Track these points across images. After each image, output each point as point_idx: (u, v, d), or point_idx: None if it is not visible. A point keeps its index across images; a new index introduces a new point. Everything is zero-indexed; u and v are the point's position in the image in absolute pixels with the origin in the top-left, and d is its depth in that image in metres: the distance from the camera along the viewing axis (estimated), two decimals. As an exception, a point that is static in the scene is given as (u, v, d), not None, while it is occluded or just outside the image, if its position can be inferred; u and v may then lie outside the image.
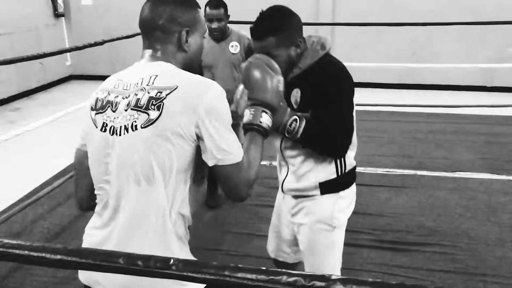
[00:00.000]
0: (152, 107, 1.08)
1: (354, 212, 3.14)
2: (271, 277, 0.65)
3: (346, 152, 1.57)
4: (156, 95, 1.08)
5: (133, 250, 0.90)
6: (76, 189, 1.30)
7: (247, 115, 1.31)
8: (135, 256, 0.68)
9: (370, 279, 0.64)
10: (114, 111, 1.13)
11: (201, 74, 2.81)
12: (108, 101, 1.15)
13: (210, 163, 1.11)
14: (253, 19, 1.55)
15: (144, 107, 1.09)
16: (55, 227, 3.01)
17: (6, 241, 0.67)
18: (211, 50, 2.97)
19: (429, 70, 6.22)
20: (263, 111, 1.30)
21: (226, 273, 0.65)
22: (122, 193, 1.13)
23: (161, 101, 1.07)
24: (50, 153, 4.34)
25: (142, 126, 1.08)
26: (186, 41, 1.19)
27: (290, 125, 1.47)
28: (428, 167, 3.88)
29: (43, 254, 0.66)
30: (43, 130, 4.30)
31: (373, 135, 4.69)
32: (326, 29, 6.63)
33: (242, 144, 1.19)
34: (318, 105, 1.52)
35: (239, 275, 0.65)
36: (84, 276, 1.22)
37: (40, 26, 6.82)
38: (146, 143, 1.08)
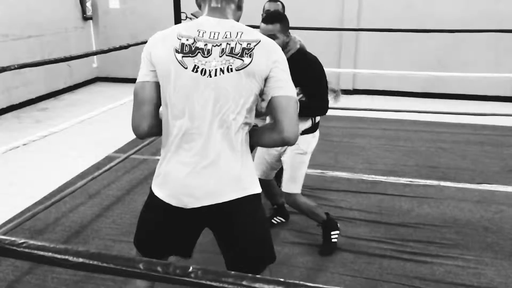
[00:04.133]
0: (246, 54, 1.42)
1: (375, 221, 3.12)
2: (289, 288, 0.64)
3: (326, 111, 2.51)
4: (247, 46, 1.43)
5: (221, 163, 1.45)
6: (140, 118, 1.51)
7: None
8: (155, 262, 0.69)
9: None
10: (206, 56, 1.42)
11: None
12: (197, 48, 1.43)
13: (277, 93, 1.45)
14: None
15: (239, 54, 1.42)
16: (76, 225, 3.07)
17: (31, 242, 0.69)
18: None
19: (455, 79, 6.11)
20: None
21: (245, 283, 0.65)
22: (207, 124, 1.44)
23: (252, 51, 1.42)
24: (75, 153, 4.43)
25: (237, 68, 1.42)
26: (242, 3, 1.56)
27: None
28: (452, 178, 3.80)
29: (66, 257, 0.67)
30: (69, 131, 4.39)
31: (396, 144, 4.63)
32: (350, 35, 6.59)
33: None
34: (304, 83, 2.33)
35: (257, 285, 0.65)
36: (164, 192, 1.52)
37: (69, 29, 6.98)
38: (238, 83, 1.42)
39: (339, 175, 3.88)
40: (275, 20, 2.35)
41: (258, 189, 1.56)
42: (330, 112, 5.31)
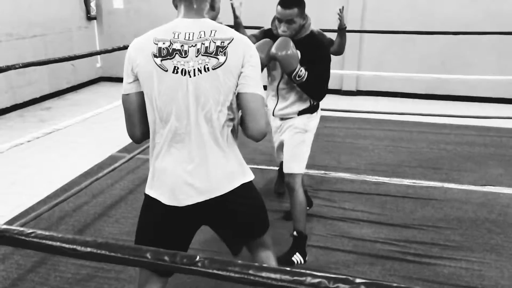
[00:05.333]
0: (220, 52, 1.46)
1: (378, 222, 3.10)
2: (295, 277, 0.64)
3: (322, 98, 2.52)
4: (220, 44, 1.47)
5: (210, 160, 1.51)
6: (131, 127, 1.59)
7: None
8: (162, 252, 0.69)
9: (395, 284, 0.63)
10: (184, 57, 1.46)
11: None
12: (174, 49, 1.47)
13: (245, 90, 1.50)
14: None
15: (214, 53, 1.46)
16: (80, 224, 3.07)
17: (39, 232, 0.69)
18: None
19: (459, 81, 6.10)
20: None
21: (251, 272, 0.65)
22: (193, 122, 1.49)
23: (226, 49, 1.47)
24: (78, 152, 4.44)
25: (213, 67, 1.46)
26: (215, 3, 1.61)
27: (300, 72, 2.32)
28: (456, 180, 3.79)
29: (74, 246, 0.68)
30: (72, 130, 4.40)
31: (399, 145, 4.62)
32: (354, 36, 6.59)
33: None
34: (311, 63, 2.37)
35: (263, 274, 0.65)
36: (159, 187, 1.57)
37: (73, 28, 7.01)
38: (216, 82, 1.47)
39: (342, 176, 3.87)
40: (293, 4, 2.34)
41: (248, 177, 1.64)
42: (333, 113, 5.35)
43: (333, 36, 3.54)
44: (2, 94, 5.73)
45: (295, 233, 2.61)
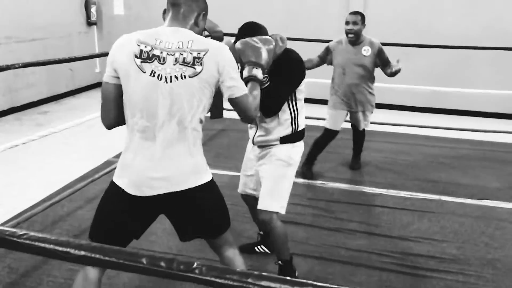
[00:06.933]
0: (197, 63, 1.58)
1: (375, 234, 3.08)
2: (295, 287, 0.63)
3: (272, 114, 2.19)
4: (197, 55, 1.58)
5: (172, 160, 1.63)
6: (105, 112, 1.71)
7: (245, 72, 1.89)
8: (158, 257, 0.67)
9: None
10: (162, 64, 1.58)
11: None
12: (154, 55, 1.59)
13: (229, 96, 1.65)
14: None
15: (191, 63, 1.58)
16: (74, 229, 3.03)
17: (32, 234, 0.67)
18: (345, 52, 3.83)
19: (457, 95, 6.12)
20: (254, 67, 1.88)
21: (250, 280, 0.63)
22: (163, 122, 1.60)
23: (202, 59, 1.58)
24: (74, 156, 4.41)
25: (190, 75, 1.58)
26: (200, 21, 1.72)
27: (264, 80, 2.09)
28: (452, 193, 3.78)
29: (68, 249, 0.66)
30: (69, 134, 4.38)
31: (397, 158, 4.61)
32: (353, 48, 6.61)
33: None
34: (275, 75, 2.15)
35: (263, 283, 0.63)
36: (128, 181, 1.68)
37: (73, 33, 7.01)
38: (191, 88, 1.59)
39: (340, 186, 3.85)
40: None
41: (209, 176, 1.75)
42: (331, 124, 5.32)
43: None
44: (0, 97, 5.71)
45: (280, 262, 2.40)
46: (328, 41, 4.07)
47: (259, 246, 2.79)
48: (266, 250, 2.78)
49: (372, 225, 3.20)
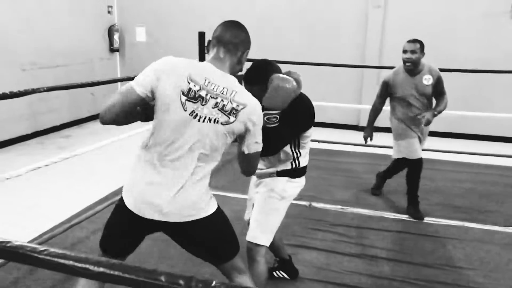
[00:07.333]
0: (233, 114, 1.67)
1: (397, 260, 2.99)
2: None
3: (269, 155, 2.15)
4: (236, 107, 1.67)
5: (181, 190, 1.66)
6: (108, 112, 1.65)
7: (267, 119, 2.01)
8: (177, 275, 0.65)
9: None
10: (203, 105, 1.64)
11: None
12: (200, 96, 1.64)
13: (245, 151, 1.75)
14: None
15: (228, 112, 1.66)
16: (93, 252, 3.02)
17: (52, 250, 0.66)
18: (405, 83, 3.55)
19: (479, 119, 6.02)
20: (274, 116, 2.05)
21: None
22: (181, 155, 1.65)
23: (238, 113, 1.67)
24: (94, 178, 4.45)
25: (222, 123, 1.66)
26: (243, 59, 1.80)
27: (274, 118, 2.07)
28: (477, 220, 3.67)
29: (87, 266, 0.64)
30: (90, 157, 4.43)
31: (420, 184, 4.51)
32: (372, 72, 6.61)
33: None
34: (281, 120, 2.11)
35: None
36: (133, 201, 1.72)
37: (95, 59, 7.19)
38: (218, 132, 1.67)
39: (360, 211, 3.78)
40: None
41: (212, 209, 1.77)
42: (351, 148, 5.29)
43: (350, 71, 3.71)
44: (24, 121, 5.84)
45: None
46: (345, 66, 4.03)
47: (277, 271, 2.73)
48: (285, 275, 2.72)
49: (394, 251, 3.12)
